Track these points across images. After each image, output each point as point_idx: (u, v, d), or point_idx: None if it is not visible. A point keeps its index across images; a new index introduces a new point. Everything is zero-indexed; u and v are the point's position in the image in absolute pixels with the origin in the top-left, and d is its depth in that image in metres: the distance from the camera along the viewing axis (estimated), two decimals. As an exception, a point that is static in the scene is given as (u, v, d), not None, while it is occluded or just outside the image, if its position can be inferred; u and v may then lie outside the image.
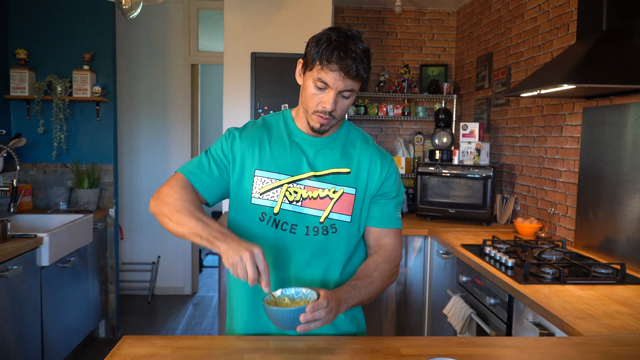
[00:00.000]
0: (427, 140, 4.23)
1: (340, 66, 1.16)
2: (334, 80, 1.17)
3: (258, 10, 3.44)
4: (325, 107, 1.20)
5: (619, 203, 2.19)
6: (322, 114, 1.22)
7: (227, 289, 1.42)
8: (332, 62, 1.16)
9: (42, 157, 3.49)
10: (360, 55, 1.17)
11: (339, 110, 1.23)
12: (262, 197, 1.28)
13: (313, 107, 1.23)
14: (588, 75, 1.91)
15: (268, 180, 1.28)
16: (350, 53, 1.16)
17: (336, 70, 1.16)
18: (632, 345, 1.28)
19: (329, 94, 1.19)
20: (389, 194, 1.35)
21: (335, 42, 1.16)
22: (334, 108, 1.21)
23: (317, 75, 1.19)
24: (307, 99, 1.24)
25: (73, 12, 3.44)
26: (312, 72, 1.20)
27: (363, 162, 1.33)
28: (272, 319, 1.07)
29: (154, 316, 4.12)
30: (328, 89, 1.19)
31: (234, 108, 3.46)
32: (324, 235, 1.29)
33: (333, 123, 1.26)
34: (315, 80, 1.19)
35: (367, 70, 1.20)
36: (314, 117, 1.24)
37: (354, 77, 1.17)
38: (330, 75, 1.17)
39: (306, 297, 1.13)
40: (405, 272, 3.14)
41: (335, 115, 1.23)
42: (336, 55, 1.15)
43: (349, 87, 1.19)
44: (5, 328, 2.31)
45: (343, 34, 1.18)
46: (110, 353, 1.12)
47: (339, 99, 1.21)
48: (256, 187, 1.29)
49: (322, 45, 1.17)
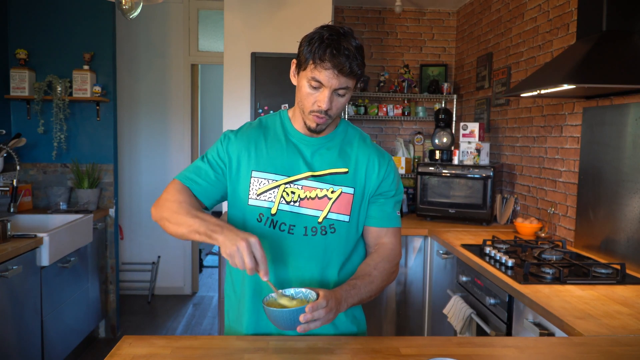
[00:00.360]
0: (427, 140, 4.23)
1: (334, 64, 1.15)
2: (328, 78, 1.17)
3: (258, 10, 3.44)
4: (320, 106, 1.20)
5: (619, 203, 2.19)
6: (318, 114, 1.22)
7: (226, 288, 1.42)
8: (325, 61, 1.16)
9: (42, 157, 3.49)
10: (353, 52, 1.17)
11: (334, 109, 1.23)
12: (259, 198, 1.28)
13: (309, 106, 1.23)
14: (588, 75, 1.91)
15: (265, 181, 1.28)
16: (343, 50, 1.15)
17: (330, 69, 1.16)
18: (632, 345, 1.28)
19: (323, 93, 1.19)
20: (388, 192, 1.35)
21: (327, 40, 1.16)
22: (329, 107, 1.20)
23: (310, 75, 1.19)
24: (302, 99, 1.24)
25: (73, 12, 3.44)
26: (306, 72, 1.20)
27: (361, 161, 1.33)
28: (272, 319, 1.07)
29: (154, 316, 4.12)
30: (323, 87, 1.19)
31: (234, 108, 3.46)
32: (323, 236, 1.28)
33: (329, 122, 1.26)
34: (310, 80, 1.19)
35: (361, 66, 1.20)
36: (310, 117, 1.24)
37: (347, 74, 1.17)
38: (324, 73, 1.17)
39: (306, 297, 1.13)
40: (405, 272, 3.14)
41: (331, 114, 1.23)
42: (329, 54, 1.15)
43: (344, 85, 1.19)
44: (5, 328, 2.31)
45: (335, 31, 1.18)
46: (110, 353, 1.12)
47: (334, 98, 1.21)
48: (253, 188, 1.29)
49: (314, 45, 1.17)
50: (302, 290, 1.14)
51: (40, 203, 3.50)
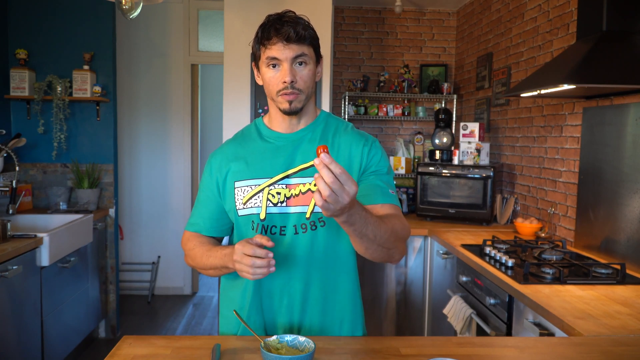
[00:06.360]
0: (427, 140, 4.23)
1: (280, 36, 1.19)
2: (280, 50, 1.20)
3: (258, 10, 3.44)
4: (284, 79, 1.21)
5: (619, 203, 2.19)
6: (286, 90, 1.22)
7: (222, 291, 1.42)
8: (272, 37, 1.20)
9: (42, 157, 3.49)
10: (294, 19, 1.21)
11: (300, 81, 1.22)
12: (246, 206, 1.28)
13: (275, 87, 1.23)
14: (588, 75, 1.91)
15: (248, 188, 1.28)
16: (284, 22, 1.20)
17: (278, 42, 1.19)
18: (632, 345, 1.28)
19: (283, 67, 1.21)
20: (379, 171, 1.29)
21: (269, 23, 1.22)
22: (293, 78, 1.21)
23: (265, 57, 1.22)
24: (268, 84, 1.25)
25: (73, 12, 3.44)
26: (262, 59, 1.23)
27: (343, 147, 1.30)
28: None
29: (154, 316, 4.12)
30: (279, 62, 1.21)
31: (234, 108, 3.46)
32: (313, 231, 1.26)
33: (302, 99, 1.24)
34: (267, 63, 1.22)
35: (307, 28, 1.22)
36: (280, 99, 1.24)
37: (296, 40, 1.19)
38: (274, 48, 1.20)
39: (302, 346, 1.10)
40: (405, 272, 3.14)
41: (300, 87, 1.22)
42: (273, 30, 1.20)
43: (299, 52, 1.20)
44: (5, 328, 2.31)
45: (274, 15, 1.23)
46: (110, 353, 1.12)
47: (295, 70, 1.22)
48: (238, 198, 1.29)
49: (258, 33, 1.23)
50: (300, 338, 1.11)
51: (40, 203, 3.50)
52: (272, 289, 1.29)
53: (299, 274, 1.27)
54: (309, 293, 1.28)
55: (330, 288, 1.30)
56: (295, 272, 1.27)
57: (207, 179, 1.36)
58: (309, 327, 1.29)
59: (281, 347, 1.10)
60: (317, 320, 1.29)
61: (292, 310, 1.29)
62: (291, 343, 1.11)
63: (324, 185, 0.93)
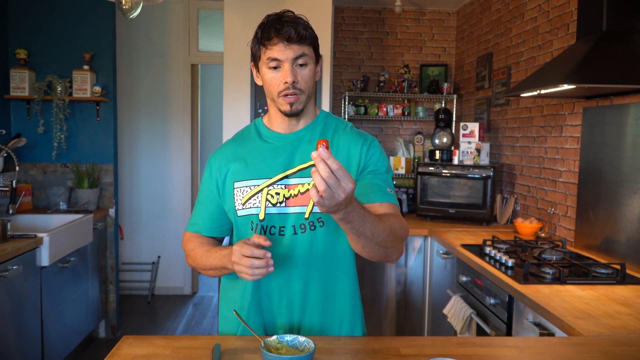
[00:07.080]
0: (427, 140, 4.23)
1: (280, 36, 1.19)
2: (281, 51, 1.19)
3: (258, 10, 3.43)
4: (285, 80, 1.20)
5: (619, 203, 2.19)
6: (287, 91, 1.22)
7: (222, 291, 1.42)
8: (272, 37, 1.19)
9: (42, 157, 3.49)
10: (294, 19, 1.21)
11: (302, 82, 1.22)
12: (245, 207, 1.28)
13: (277, 89, 1.23)
14: (588, 75, 1.91)
15: (247, 189, 1.28)
16: (284, 22, 1.20)
17: (278, 42, 1.19)
18: (632, 345, 1.28)
19: (284, 68, 1.21)
20: (378, 170, 1.29)
21: (268, 23, 1.21)
22: (295, 79, 1.21)
23: (266, 58, 1.21)
24: (269, 85, 1.24)
25: (73, 12, 3.44)
26: (262, 60, 1.23)
27: (342, 146, 1.29)
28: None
29: (154, 316, 4.12)
30: (281, 64, 1.21)
31: (234, 108, 3.46)
32: (312, 231, 1.26)
33: (303, 99, 1.24)
34: (268, 64, 1.22)
35: (307, 28, 1.22)
36: (281, 101, 1.24)
37: (297, 40, 1.19)
38: (275, 49, 1.20)
39: (301, 346, 1.10)
40: (405, 272, 3.14)
41: (301, 88, 1.23)
42: (273, 30, 1.19)
43: (299, 53, 1.20)
44: (5, 328, 2.31)
45: (273, 15, 1.23)
46: (110, 353, 1.12)
47: (296, 70, 1.22)
48: (237, 199, 1.29)
49: (258, 34, 1.23)
50: (300, 338, 1.11)
51: (40, 203, 3.50)
52: (271, 289, 1.29)
53: (299, 274, 1.27)
54: (309, 293, 1.28)
55: (330, 288, 1.30)
56: (295, 272, 1.27)
57: (206, 179, 1.36)
58: (309, 327, 1.29)
59: (281, 347, 1.11)
60: (316, 320, 1.30)
61: (292, 310, 1.29)
62: (291, 343, 1.11)
63: (320, 180, 0.92)
